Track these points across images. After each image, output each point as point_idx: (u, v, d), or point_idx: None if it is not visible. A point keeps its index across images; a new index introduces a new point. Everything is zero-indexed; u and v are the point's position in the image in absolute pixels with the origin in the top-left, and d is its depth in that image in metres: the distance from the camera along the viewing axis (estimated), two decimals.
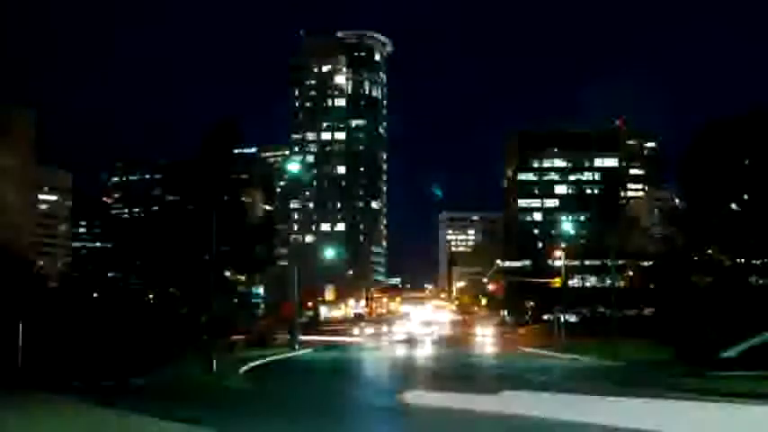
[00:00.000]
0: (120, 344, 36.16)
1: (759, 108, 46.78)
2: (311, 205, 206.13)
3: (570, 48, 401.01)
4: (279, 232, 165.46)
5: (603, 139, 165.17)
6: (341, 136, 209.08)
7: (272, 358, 50.14)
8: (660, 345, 41.75)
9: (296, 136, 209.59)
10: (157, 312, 50.81)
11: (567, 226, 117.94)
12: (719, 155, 46.04)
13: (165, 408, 19.67)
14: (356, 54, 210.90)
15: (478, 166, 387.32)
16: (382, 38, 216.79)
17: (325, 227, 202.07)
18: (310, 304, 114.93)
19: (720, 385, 24.52)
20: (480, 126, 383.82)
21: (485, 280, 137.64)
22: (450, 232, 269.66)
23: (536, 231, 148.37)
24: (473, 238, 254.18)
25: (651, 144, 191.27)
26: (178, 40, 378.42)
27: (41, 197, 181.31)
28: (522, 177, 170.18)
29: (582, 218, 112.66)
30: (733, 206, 47.17)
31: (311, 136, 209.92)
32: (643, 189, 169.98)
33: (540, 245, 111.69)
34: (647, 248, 76.93)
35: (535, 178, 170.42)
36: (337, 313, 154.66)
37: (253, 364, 42.99)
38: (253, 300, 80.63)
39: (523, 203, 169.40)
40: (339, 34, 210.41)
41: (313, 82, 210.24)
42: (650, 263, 75.24)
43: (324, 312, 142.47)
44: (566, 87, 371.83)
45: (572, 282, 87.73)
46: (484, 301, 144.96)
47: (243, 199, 57.87)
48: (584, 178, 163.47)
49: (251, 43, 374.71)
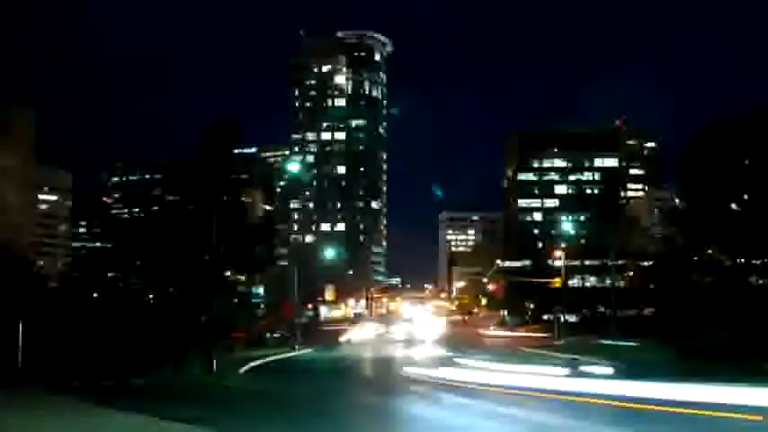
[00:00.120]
0: (120, 344, 36.19)
1: (759, 108, 46.81)
2: (311, 205, 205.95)
3: (570, 48, 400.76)
4: (279, 232, 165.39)
5: (603, 139, 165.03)
6: (341, 136, 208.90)
7: (272, 358, 50.20)
8: (660, 345, 41.77)
9: (296, 136, 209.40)
10: (157, 312, 50.84)
11: (567, 226, 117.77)
12: (719, 155, 46.06)
13: (165, 408, 19.68)
14: (356, 54, 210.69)
15: (478, 166, 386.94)
16: (382, 38, 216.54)
17: (325, 227, 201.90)
18: (310, 305, 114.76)
19: None
20: (480, 126, 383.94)
21: (485, 280, 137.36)
22: (450, 232, 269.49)
23: (536, 231, 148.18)
24: (473, 238, 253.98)
25: (651, 144, 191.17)
26: (178, 40, 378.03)
27: (41, 197, 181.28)
28: (522, 177, 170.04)
29: (582, 218, 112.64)
30: (733, 206, 47.18)
31: (311, 136, 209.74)
32: (643, 189, 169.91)
33: (540, 245, 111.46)
34: (647, 248, 76.96)
35: (535, 178, 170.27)
36: (337, 313, 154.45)
37: (253, 364, 43.05)
38: (253, 300, 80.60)
39: (523, 203, 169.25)
40: (339, 34, 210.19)
41: (313, 82, 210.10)
42: (650, 263, 75.28)
43: (324, 312, 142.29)
44: (566, 87, 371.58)
45: (572, 282, 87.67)
46: (484, 301, 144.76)
47: (243, 199, 57.88)
48: (584, 178, 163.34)
49: (251, 43, 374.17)
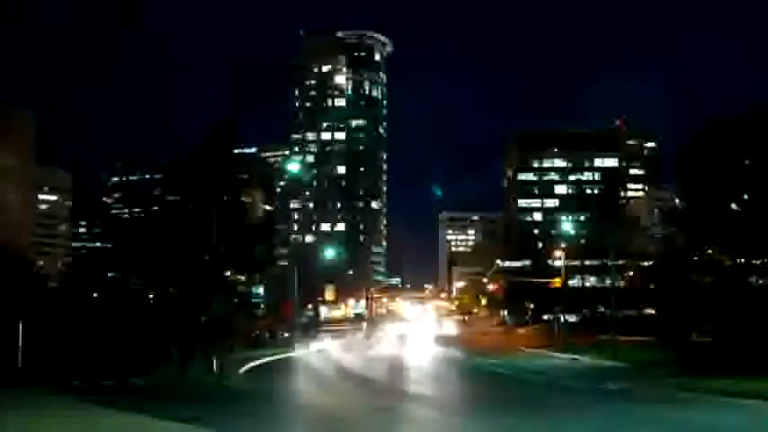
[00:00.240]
0: (120, 344, 36.19)
1: (759, 108, 46.71)
2: (311, 205, 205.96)
3: (570, 48, 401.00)
4: (279, 232, 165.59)
5: (603, 139, 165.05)
6: (341, 136, 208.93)
7: (272, 358, 50.22)
8: (661, 345, 41.77)
9: (296, 136, 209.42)
10: (157, 312, 50.82)
11: (567, 226, 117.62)
12: (719, 155, 45.95)
13: (165, 408, 19.69)
14: (356, 54, 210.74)
15: (478, 166, 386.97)
16: (382, 38, 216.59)
17: (325, 227, 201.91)
18: (310, 305, 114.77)
19: None
20: (480, 126, 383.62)
21: (485, 280, 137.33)
22: (450, 232, 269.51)
23: (536, 231, 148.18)
24: (473, 238, 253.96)
25: (651, 144, 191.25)
26: (178, 40, 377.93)
27: (41, 197, 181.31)
28: (522, 177, 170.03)
29: (582, 218, 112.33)
30: (733, 206, 47.11)
31: (311, 136, 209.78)
32: (643, 189, 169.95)
33: (540, 245, 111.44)
34: (647, 248, 76.91)
35: (535, 178, 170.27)
36: (337, 313, 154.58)
37: (253, 364, 43.10)
38: (253, 300, 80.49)
39: (523, 203, 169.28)
40: (339, 34, 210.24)
41: (313, 82, 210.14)
42: (650, 263, 75.24)
43: (324, 312, 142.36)
44: (566, 87, 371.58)
45: (572, 282, 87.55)
46: (484, 301, 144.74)
47: (243, 199, 57.74)
48: (584, 178, 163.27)
49: (251, 43, 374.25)
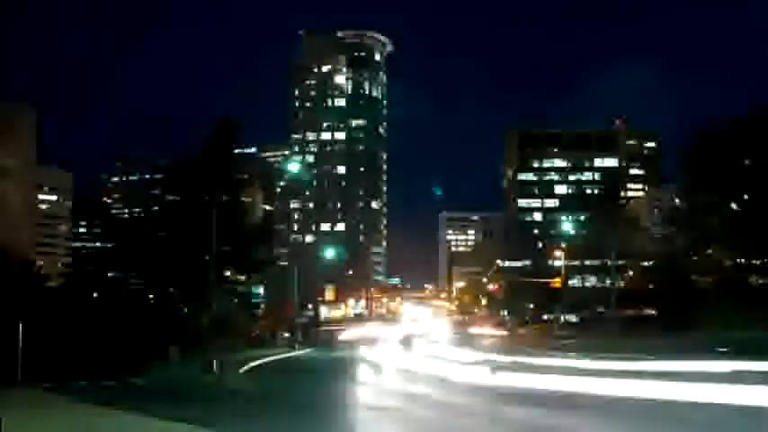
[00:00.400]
0: (120, 344, 36.23)
1: (759, 108, 46.80)
2: (311, 205, 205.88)
3: (570, 47, 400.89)
4: (279, 232, 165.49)
5: (603, 139, 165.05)
6: (341, 136, 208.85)
7: (272, 358, 50.20)
8: (660, 345, 41.78)
9: (296, 136, 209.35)
10: (158, 312, 50.87)
11: (567, 226, 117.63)
12: (720, 155, 46.04)
13: (165, 408, 19.66)
14: (356, 54, 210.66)
15: (478, 166, 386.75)
16: (382, 38, 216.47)
17: (325, 227, 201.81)
18: (310, 305, 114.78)
19: None
20: (480, 126, 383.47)
21: (485, 280, 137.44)
22: (450, 232, 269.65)
23: (536, 231, 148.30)
24: (473, 238, 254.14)
25: (651, 144, 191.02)
26: (178, 40, 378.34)
27: (41, 197, 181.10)
28: (522, 177, 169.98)
29: (582, 218, 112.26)
30: (733, 206, 47.17)
31: (311, 136, 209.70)
32: (643, 189, 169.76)
33: (540, 245, 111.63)
34: (647, 248, 76.99)
35: (535, 178, 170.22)
36: (337, 313, 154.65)
37: (253, 364, 43.06)
38: (253, 300, 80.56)
39: (523, 203, 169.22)
40: (339, 34, 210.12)
41: (313, 82, 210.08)
42: (650, 263, 75.33)
43: (324, 312, 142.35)
44: (566, 87, 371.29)
45: (572, 282, 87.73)
46: (484, 301, 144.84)
47: (243, 199, 57.87)
48: (584, 178, 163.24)
49: (251, 43, 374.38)
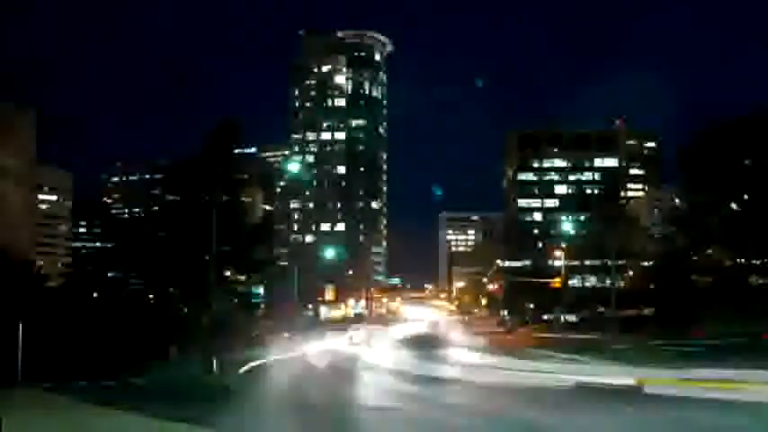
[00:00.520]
0: (120, 344, 36.24)
1: (759, 108, 46.82)
2: (311, 205, 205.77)
3: (570, 47, 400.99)
4: (279, 232, 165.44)
5: (603, 139, 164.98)
6: (341, 136, 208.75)
7: (272, 358, 50.15)
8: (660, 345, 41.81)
9: (296, 136, 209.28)
10: (157, 312, 50.89)
11: (567, 226, 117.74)
12: (719, 155, 46.05)
13: (165, 408, 19.66)
14: (356, 54, 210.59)
15: (478, 166, 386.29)
16: (382, 38, 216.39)
17: (325, 227, 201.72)
18: (310, 305, 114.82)
19: None
20: (480, 126, 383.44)
21: (485, 280, 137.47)
22: (450, 232, 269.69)
23: (536, 231, 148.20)
24: (473, 238, 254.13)
25: (651, 144, 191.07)
26: (178, 40, 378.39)
27: (41, 197, 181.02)
28: (522, 177, 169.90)
29: (582, 218, 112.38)
30: (733, 206, 47.17)
31: (311, 136, 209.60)
32: (643, 189, 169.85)
33: (540, 245, 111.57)
34: (647, 248, 77.04)
35: (535, 178, 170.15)
36: (337, 313, 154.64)
37: (253, 364, 43.03)
38: (253, 300, 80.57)
39: (523, 203, 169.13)
40: (339, 34, 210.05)
41: (313, 82, 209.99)
42: (650, 263, 75.38)
43: (324, 312, 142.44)
44: (566, 87, 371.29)
45: (572, 282, 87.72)
46: (484, 301, 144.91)
47: (243, 199, 57.85)
48: (584, 178, 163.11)
49: (251, 43, 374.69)
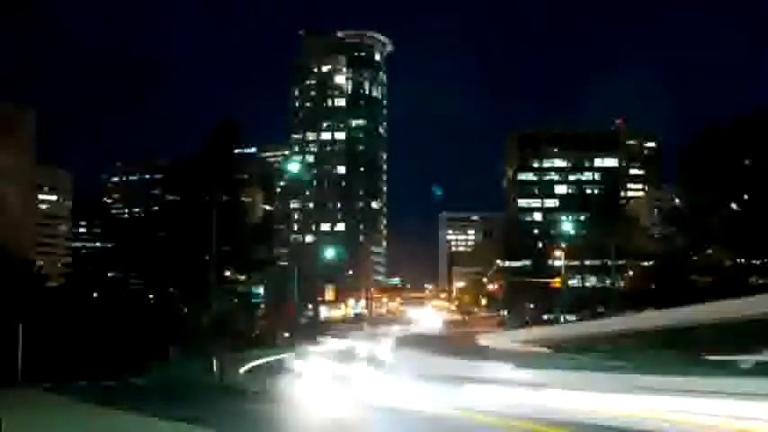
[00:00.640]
0: (120, 344, 36.25)
1: (759, 108, 46.76)
2: (311, 205, 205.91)
3: (570, 48, 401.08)
4: (279, 232, 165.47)
5: (603, 139, 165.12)
6: (341, 136, 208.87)
7: (272, 358, 50.16)
8: (660, 345, 41.73)
9: (296, 136, 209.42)
10: (157, 312, 50.90)
11: (567, 226, 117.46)
12: (720, 155, 45.98)
13: (165, 408, 19.65)
14: (356, 54, 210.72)
15: (478, 166, 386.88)
16: (382, 38, 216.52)
17: (325, 227, 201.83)
18: (310, 305, 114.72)
19: None
20: (480, 126, 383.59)
21: (485, 280, 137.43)
22: (450, 232, 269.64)
23: (536, 231, 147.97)
24: (473, 238, 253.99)
25: (651, 144, 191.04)
26: (178, 40, 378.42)
27: (41, 197, 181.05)
28: (522, 177, 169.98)
29: (582, 218, 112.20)
30: (733, 206, 47.11)
31: (311, 136, 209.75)
32: (643, 189, 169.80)
33: (540, 245, 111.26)
34: (647, 248, 76.91)
35: (535, 178, 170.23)
36: (337, 313, 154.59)
37: (253, 364, 43.06)
38: (253, 300, 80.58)
39: (523, 203, 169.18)
40: (339, 34, 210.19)
41: (313, 82, 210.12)
42: (650, 263, 75.25)
43: (324, 312, 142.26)
44: (566, 87, 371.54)
45: (572, 282, 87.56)
46: (484, 301, 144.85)
47: (243, 199, 57.85)
48: (584, 178, 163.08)
49: (251, 43, 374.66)
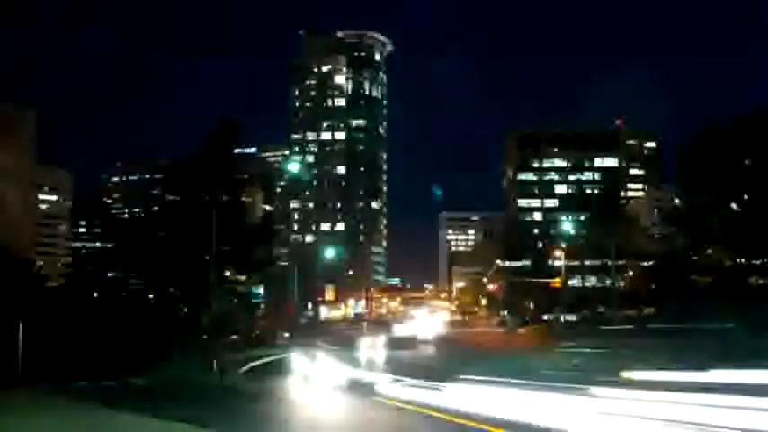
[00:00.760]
0: (120, 344, 36.25)
1: (759, 108, 46.77)
2: (311, 205, 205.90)
3: (570, 48, 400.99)
4: (279, 232, 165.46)
5: (603, 139, 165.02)
6: (341, 136, 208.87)
7: (272, 358, 50.17)
8: (660, 345, 41.77)
9: (296, 136, 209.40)
10: (157, 312, 50.90)
11: (567, 226, 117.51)
12: (720, 155, 45.99)
13: (165, 408, 19.66)
14: (356, 54, 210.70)
15: (478, 166, 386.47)
16: (382, 38, 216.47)
17: (325, 227, 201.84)
18: (310, 305, 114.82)
19: None
20: (480, 126, 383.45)
21: (485, 280, 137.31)
22: (450, 232, 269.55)
23: (536, 231, 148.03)
24: (473, 238, 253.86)
25: (651, 144, 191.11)
26: (178, 40, 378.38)
27: (41, 197, 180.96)
28: (522, 177, 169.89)
29: (582, 218, 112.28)
30: (733, 206, 47.13)
31: (311, 136, 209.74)
32: (643, 189, 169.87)
33: (540, 245, 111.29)
34: (647, 248, 77.05)
35: (535, 178, 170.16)
36: (337, 313, 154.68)
37: (253, 364, 43.07)
38: (253, 300, 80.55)
39: (523, 203, 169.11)
40: (339, 34, 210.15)
41: (313, 82, 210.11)
42: (650, 263, 75.38)
43: (324, 312, 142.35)
44: (566, 87, 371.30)
45: (572, 282, 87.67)
46: (484, 301, 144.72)
47: (243, 199, 57.85)
48: (584, 178, 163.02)
49: (251, 43, 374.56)
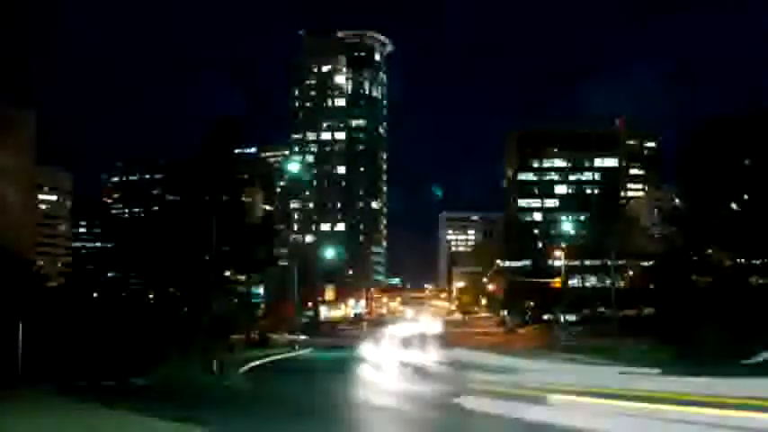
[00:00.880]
0: (120, 344, 36.19)
1: (759, 108, 46.74)
2: (311, 205, 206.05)
3: (570, 48, 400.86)
4: (279, 232, 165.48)
5: (603, 139, 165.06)
6: (341, 136, 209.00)
7: (272, 358, 50.18)
8: (661, 345, 41.77)
9: (296, 136, 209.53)
10: (157, 312, 50.88)
11: (567, 226, 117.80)
12: (719, 155, 45.97)
13: (165, 408, 19.68)
14: (356, 54, 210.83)
15: (478, 166, 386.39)
16: (382, 38, 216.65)
17: (325, 227, 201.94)
18: (310, 305, 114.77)
19: None
20: (480, 126, 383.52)
21: (485, 280, 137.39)
22: (450, 232, 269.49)
23: (536, 231, 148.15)
24: (473, 238, 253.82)
25: (651, 144, 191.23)
26: (178, 40, 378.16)
27: (41, 197, 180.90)
28: (522, 177, 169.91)
29: (582, 218, 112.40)
30: (733, 206, 47.11)
31: (311, 136, 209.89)
32: (643, 189, 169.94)
33: (540, 245, 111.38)
34: (647, 248, 76.96)
35: (535, 178, 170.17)
36: (337, 313, 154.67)
37: (253, 364, 43.07)
38: (253, 300, 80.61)
39: (523, 203, 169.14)
40: (339, 34, 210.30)
41: (313, 82, 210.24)
42: (650, 263, 75.32)
43: (324, 312, 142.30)
44: (566, 87, 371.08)
45: (572, 282, 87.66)
46: (484, 301, 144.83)
47: (243, 199, 57.94)
48: (584, 178, 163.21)
49: (251, 43, 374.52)
